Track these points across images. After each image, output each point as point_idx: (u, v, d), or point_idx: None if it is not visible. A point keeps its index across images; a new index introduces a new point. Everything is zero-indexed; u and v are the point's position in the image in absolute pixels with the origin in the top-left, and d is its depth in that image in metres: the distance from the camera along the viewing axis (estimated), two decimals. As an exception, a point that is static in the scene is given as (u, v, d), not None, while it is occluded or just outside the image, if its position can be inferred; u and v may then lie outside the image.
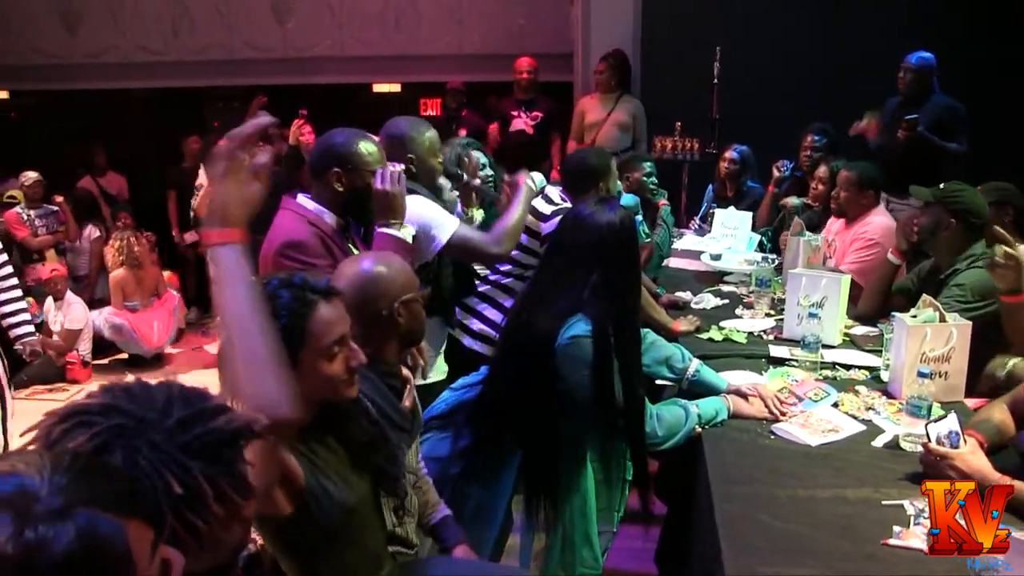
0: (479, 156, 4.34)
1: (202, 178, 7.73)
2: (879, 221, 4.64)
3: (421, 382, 2.83)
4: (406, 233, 2.88)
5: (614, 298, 2.64)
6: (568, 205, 3.81)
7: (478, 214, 3.94)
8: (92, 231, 8.09)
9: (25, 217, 7.57)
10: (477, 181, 3.93)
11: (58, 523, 0.86)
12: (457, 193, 3.83)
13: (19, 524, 0.85)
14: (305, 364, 1.90)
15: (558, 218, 3.73)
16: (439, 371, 3.43)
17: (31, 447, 1.21)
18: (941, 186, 3.67)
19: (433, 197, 3.36)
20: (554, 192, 3.92)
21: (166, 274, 8.00)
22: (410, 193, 3.20)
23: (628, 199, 2.96)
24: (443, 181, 3.61)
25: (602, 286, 2.63)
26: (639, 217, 2.81)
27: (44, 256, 7.59)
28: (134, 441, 1.19)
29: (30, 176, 7.66)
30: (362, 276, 2.34)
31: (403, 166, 2.98)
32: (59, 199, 7.83)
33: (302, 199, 2.92)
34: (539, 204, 3.85)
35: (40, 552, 0.84)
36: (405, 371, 2.48)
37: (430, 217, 3.16)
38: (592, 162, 4.04)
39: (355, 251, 2.90)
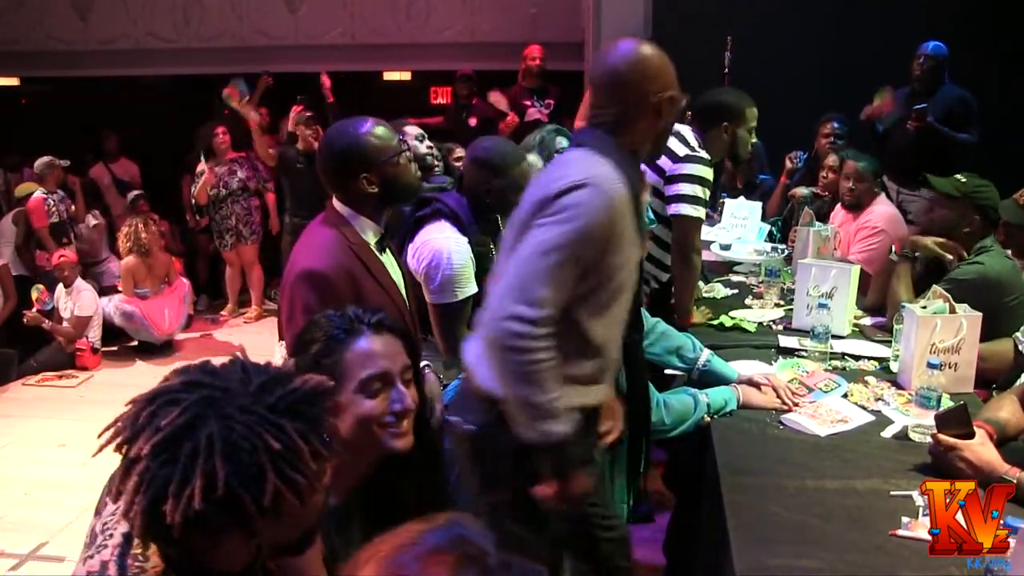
0: (563, 142, 4.29)
1: (202, 165, 7.76)
2: (881, 210, 4.65)
3: None
4: None
5: None
6: (703, 154, 3.73)
7: None
8: (90, 219, 8.12)
9: (51, 203, 7.57)
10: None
11: (509, 572, 0.91)
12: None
13: (486, 573, 0.89)
14: (342, 399, 1.73)
15: (686, 164, 3.70)
16: None
17: (115, 437, 1.26)
18: (962, 179, 3.59)
19: (493, 231, 3.32)
20: (689, 133, 3.78)
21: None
22: (458, 227, 3.17)
23: None
24: None
25: None
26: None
27: (72, 239, 7.62)
28: (225, 409, 1.23)
29: (53, 161, 7.65)
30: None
31: None
32: (75, 182, 7.87)
33: (342, 209, 2.69)
34: (673, 144, 3.72)
35: None
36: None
37: (463, 274, 3.11)
38: (725, 99, 3.83)
39: (392, 262, 2.78)
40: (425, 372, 2.83)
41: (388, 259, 2.74)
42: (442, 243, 3.11)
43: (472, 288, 3.14)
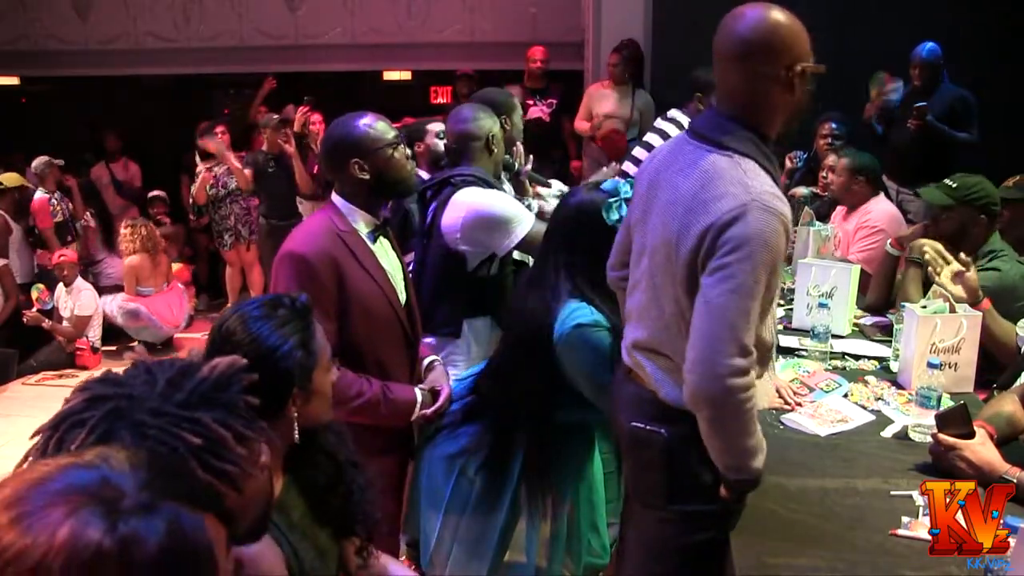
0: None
1: (200, 165, 7.76)
2: (881, 209, 4.66)
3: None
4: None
5: (582, 278, 2.59)
6: None
7: (536, 203, 3.86)
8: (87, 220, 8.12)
9: (55, 202, 7.58)
10: (528, 167, 3.87)
11: (147, 517, 0.85)
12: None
13: (111, 519, 0.83)
14: (316, 383, 1.85)
15: None
16: None
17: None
18: (953, 184, 3.56)
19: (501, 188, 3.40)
20: (682, 116, 3.83)
21: (177, 266, 8.02)
22: (484, 186, 3.25)
23: (610, 184, 2.89)
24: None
25: (568, 265, 2.60)
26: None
27: (77, 237, 7.62)
28: (135, 416, 1.19)
29: (51, 161, 7.65)
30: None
31: None
32: (71, 182, 7.87)
33: (337, 200, 2.74)
34: (668, 127, 3.80)
35: (135, 546, 0.83)
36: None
37: (512, 213, 3.20)
38: (699, 75, 4.04)
39: (386, 253, 2.79)
40: (435, 365, 2.87)
41: (381, 250, 2.76)
42: (471, 198, 3.20)
43: (530, 218, 3.23)
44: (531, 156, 3.94)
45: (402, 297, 2.78)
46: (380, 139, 2.71)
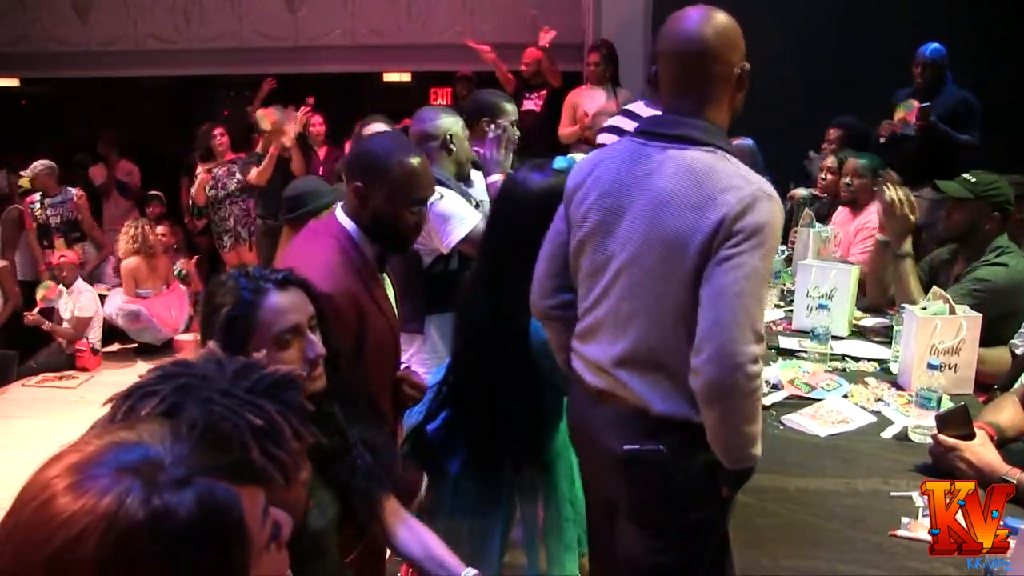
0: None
1: (200, 167, 7.75)
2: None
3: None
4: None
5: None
6: None
7: None
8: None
9: (35, 207, 7.60)
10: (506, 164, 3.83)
11: (180, 491, 0.91)
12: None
13: (147, 491, 0.90)
14: (259, 358, 1.72)
15: None
16: None
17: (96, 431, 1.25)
18: (971, 179, 3.53)
19: (461, 189, 3.37)
20: (640, 108, 3.78)
21: (181, 263, 8.03)
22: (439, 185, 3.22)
23: (562, 161, 2.71)
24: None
25: (532, 259, 2.39)
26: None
27: (54, 244, 7.62)
28: (203, 393, 1.25)
29: (38, 166, 7.67)
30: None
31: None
32: (80, 194, 7.87)
33: (340, 216, 2.48)
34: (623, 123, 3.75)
35: (167, 519, 0.89)
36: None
37: (452, 210, 3.14)
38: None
39: (388, 284, 2.62)
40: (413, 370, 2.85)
41: (386, 280, 2.61)
42: None
43: (475, 217, 3.16)
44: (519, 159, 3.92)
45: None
46: (400, 184, 2.43)
